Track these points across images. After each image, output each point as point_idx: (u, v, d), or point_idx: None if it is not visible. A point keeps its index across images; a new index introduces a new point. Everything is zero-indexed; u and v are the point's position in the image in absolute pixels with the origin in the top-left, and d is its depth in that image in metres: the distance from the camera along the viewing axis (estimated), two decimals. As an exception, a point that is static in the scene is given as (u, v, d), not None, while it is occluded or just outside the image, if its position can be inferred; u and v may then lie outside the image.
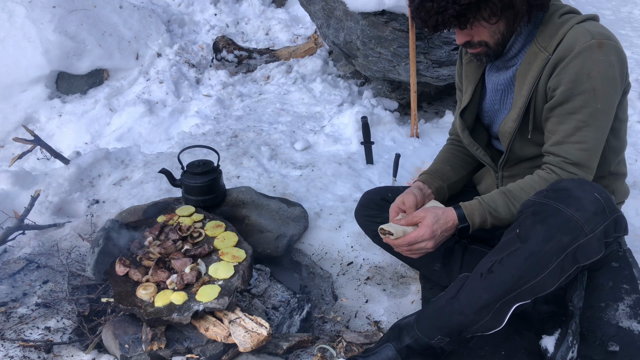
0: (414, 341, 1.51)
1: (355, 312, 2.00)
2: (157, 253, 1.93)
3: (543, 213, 1.35)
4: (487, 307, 1.40)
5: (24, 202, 2.60)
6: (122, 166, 3.03)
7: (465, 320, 1.43)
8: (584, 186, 1.37)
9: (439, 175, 1.85)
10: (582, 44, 1.40)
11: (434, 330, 1.48)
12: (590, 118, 1.44)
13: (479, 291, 1.41)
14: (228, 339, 1.67)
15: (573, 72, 1.41)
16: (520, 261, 1.35)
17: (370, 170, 3.00)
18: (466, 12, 1.40)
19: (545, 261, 1.33)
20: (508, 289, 1.37)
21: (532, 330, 1.65)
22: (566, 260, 1.33)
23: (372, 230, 2.00)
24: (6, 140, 3.90)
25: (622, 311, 1.69)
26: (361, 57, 3.56)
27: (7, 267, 2.22)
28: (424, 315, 1.54)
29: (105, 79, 4.41)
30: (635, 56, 4.79)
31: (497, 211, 1.52)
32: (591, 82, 1.40)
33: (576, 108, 1.44)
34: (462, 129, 1.76)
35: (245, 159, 3.09)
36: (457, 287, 1.49)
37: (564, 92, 1.44)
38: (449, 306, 1.47)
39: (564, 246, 1.32)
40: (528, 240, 1.35)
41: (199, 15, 5.52)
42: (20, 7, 4.26)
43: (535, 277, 1.35)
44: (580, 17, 1.48)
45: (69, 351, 1.77)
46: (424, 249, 1.55)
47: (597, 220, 1.32)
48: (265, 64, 4.69)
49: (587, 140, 1.45)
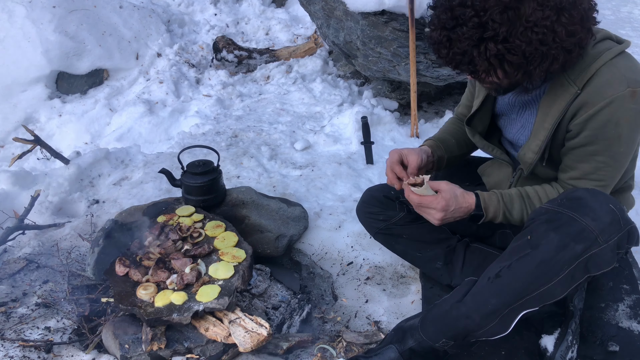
0: (417, 344, 1.51)
1: (355, 312, 2.00)
2: (157, 253, 1.93)
3: (557, 221, 1.34)
4: (495, 312, 1.39)
5: (24, 202, 2.59)
6: (122, 166, 3.03)
7: (471, 324, 1.42)
8: (598, 197, 1.36)
9: (444, 145, 1.84)
10: (614, 94, 1.35)
11: (439, 333, 1.48)
12: (611, 160, 1.44)
13: (487, 296, 1.40)
14: (228, 339, 1.67)
15: (601, 120, 1.38)
16: (531, 268, 1.34)
17: (370, 170, 2.99)
18: (480, 73, 1.37)
19: (557, 269, 1.32)
20: (517, 295, 1.36)
21: (532, 330, 1.65)
22: (577, 270, 1.32)
23: (374, 228, 2.00)
24: (6, 140, 3.90)
25: (622, 311, 1.69)
26: (361, 57, 3.56)
27: (7, 267, 2.22)
28: (429, 318, 1.53)
29: (105, 79, 4.41)
30: (636, 56, 4.78)
31: (511, 213, 1.53)
32: (618, 129, 1.38)
33: (599, 151, 1.43)
34: (472, 135, 1.73)
35: (245, 159, 3.09)
36: (462, 291, 1.48)
37: (588, 137, 1.41)
38: (456, 310, 1.46)
39: (577, 255, 1.31)
40: (540, 247, 1.33)
41: (199, 15, 5.52)
42: (20, 7, 4.26)
43: (545, 284, 1.34)
44: (615, 50, 1.40)
45: (69, 351, 1.77)
46: (430, 217, 1.54)
47: (611, 231, 1.31)
48: (265, 64, 4.69)
49: (606, 179, 1.47)
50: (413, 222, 1.93)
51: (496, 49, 1.27)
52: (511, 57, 1.28)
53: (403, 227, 1.94)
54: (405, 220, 1.94)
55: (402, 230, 1.94)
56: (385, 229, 1.97)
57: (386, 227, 1.97)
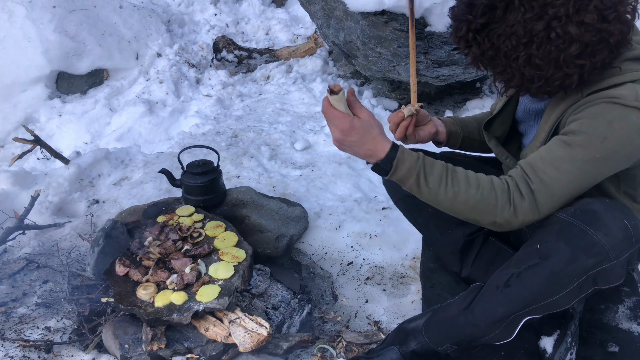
0: (420, 347, 1.50)
1: (355, 312, 2.00)
2: (157, 253, 1.93)
3: (568, 233, 1.29)
4: (501, 320, 1.38)
5: (24, 202, 2.59)
6: (122, 166, 3.03)
7: (477, 332, 1.42)
8: (614, 211, 1.30)
9: (461, 124, 1.78)
10: (622, 99, 1.23)
11: (444, 338, 1.48)
12: (578, 162, 1.27)
13: (495, 305, 1.39)
14: (228, 339, 1.67)
15: (596, 112, 1.25)
16: (541, 279, 1.31)
17: (370, 170, 2.99)
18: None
19: (566, 281, 1.30)
20: (524, 304, 1.35)
21: (531, 331, 1.65)
22: (586, 283, 1.31)
23: (400, 193, 1.89)
24: (6, 140, 3.90)
25: (622, 313, 1.69)
26: (361, 57, 3.56)
27: (7, 267, 2.22)
28: (434, 323, 1.53)
29: (105, 79, 4.41)
30: None
31: (427, 179, 1.34)
32: (607, 130, 1.23)
33: (572, 142, 1.27)
34: (488, 140, 1.67)
35: (245, 159, 3.09)
36: (469, 298, 1.47)
37: (573, 125, 1.29)
38: (462, 317, 1.45)
39: (587, 269, 1.28)
40: (549, 258, 1.30)
41: (199, 15, 5.52)
42: (20, 7, 4.26)
43: (553, 295, 1.32)
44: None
45: (69, 351, 1.77)
46: (331, 132, 1.38)
47: (623, 247, 1.28)
48: (265, 64, 4.69)
49: (542, 184, 1.28)
50: None
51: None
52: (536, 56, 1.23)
53: None
54: None
55: (428, 204, 1.88)
56: (411, 197, 1.79)
57: (412, 195, 1.89)
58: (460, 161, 1.88)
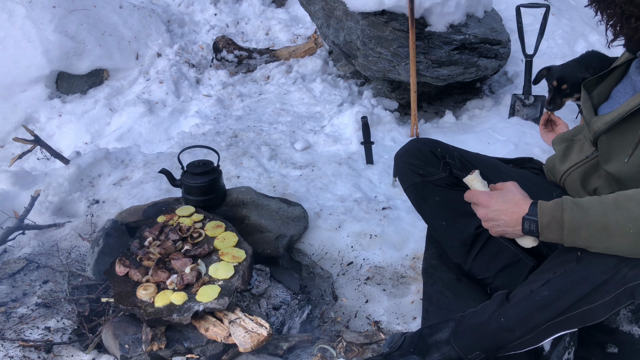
0: (444, 357, 1.48)
1: (355, 312, 2.00)
2: (157, 253, 1.93)
3: None
4: (536, 327, 1.36)
5: (24, 202, 2.60)
6: (122, 166, 3.03)
7: (510, 337, 1.39)
8: None
9: None
10: None
11: (475, 345, 1.45)
12: None
13: (532, 310, 1.36)
14: (228, 339, 1.67)
15: None
16: (580, 286, 1.29)
17: (370, 170, 2.99)
18: None
19: (604, 292, 1.28)
20: (561, 312, 1.33)
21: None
22: (624, 295, 1.28)
23: (410, 180, 1.88)
24: (6, 140, 3.90)
25: (624, 315, 1.69)
26: (361, 57, 3.56)
27: (7, 267, 2.22)
28: (462, 330, 1.49)
29: (105, 79, 4.41)
30: (635, 56, 4.78)
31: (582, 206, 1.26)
32: None
33: None
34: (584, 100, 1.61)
35: (245, 159, 3.09)
36: (496, 303, 1.44)
37: None
38: (495, 322, 1.41)
39: (626, 281, 1.26)
40: (591, 267, 1.29)
41: (199, 15, 5.51)
42: (20, 7, 4.26)
43: (590, 304, 1.30)
44: None
45: (69, 351, 1.77)
46: (477, 211, 1.46)
47: None
48: (265, 64, 4.68)
49: None
50: (451, 187, 1.83)
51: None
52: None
53: (440, 189, 1.84)
54: (444, 182, 1.84)
55: (438, 192, 1.84)
56: (421, 184, 1.85)
57: (422, 183, 1.85)
58: (483, 161, 1.88)
